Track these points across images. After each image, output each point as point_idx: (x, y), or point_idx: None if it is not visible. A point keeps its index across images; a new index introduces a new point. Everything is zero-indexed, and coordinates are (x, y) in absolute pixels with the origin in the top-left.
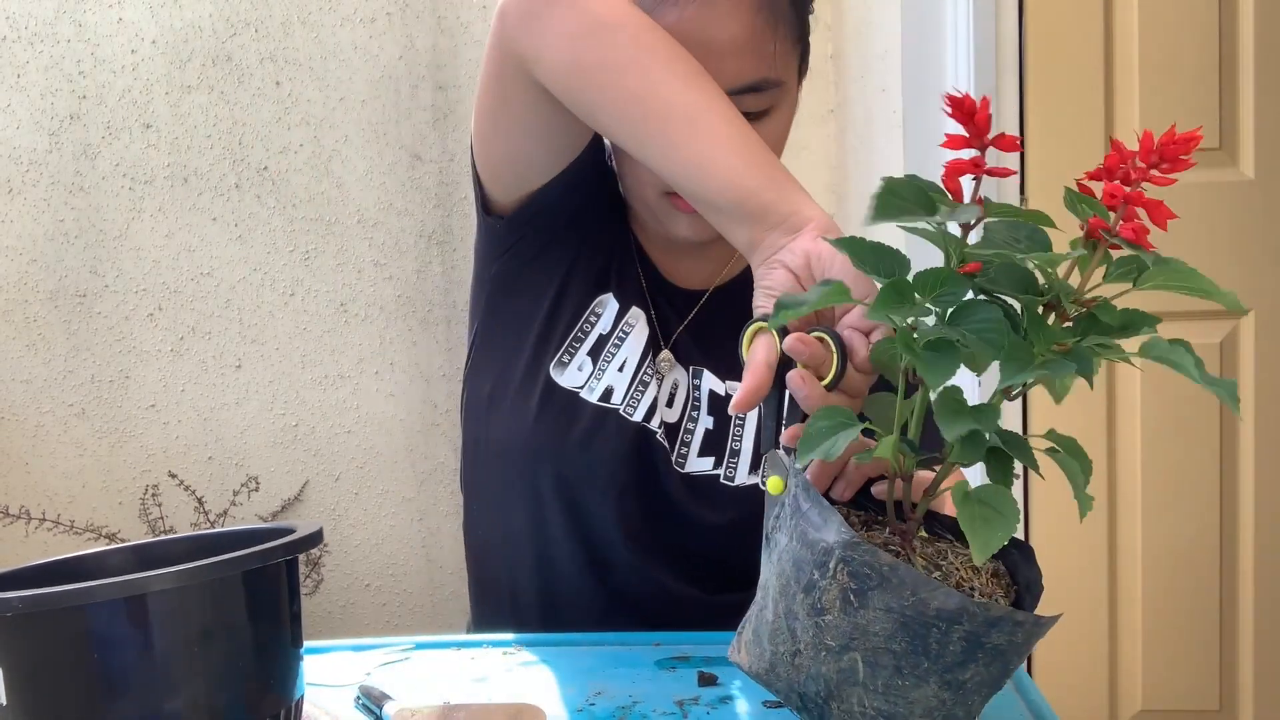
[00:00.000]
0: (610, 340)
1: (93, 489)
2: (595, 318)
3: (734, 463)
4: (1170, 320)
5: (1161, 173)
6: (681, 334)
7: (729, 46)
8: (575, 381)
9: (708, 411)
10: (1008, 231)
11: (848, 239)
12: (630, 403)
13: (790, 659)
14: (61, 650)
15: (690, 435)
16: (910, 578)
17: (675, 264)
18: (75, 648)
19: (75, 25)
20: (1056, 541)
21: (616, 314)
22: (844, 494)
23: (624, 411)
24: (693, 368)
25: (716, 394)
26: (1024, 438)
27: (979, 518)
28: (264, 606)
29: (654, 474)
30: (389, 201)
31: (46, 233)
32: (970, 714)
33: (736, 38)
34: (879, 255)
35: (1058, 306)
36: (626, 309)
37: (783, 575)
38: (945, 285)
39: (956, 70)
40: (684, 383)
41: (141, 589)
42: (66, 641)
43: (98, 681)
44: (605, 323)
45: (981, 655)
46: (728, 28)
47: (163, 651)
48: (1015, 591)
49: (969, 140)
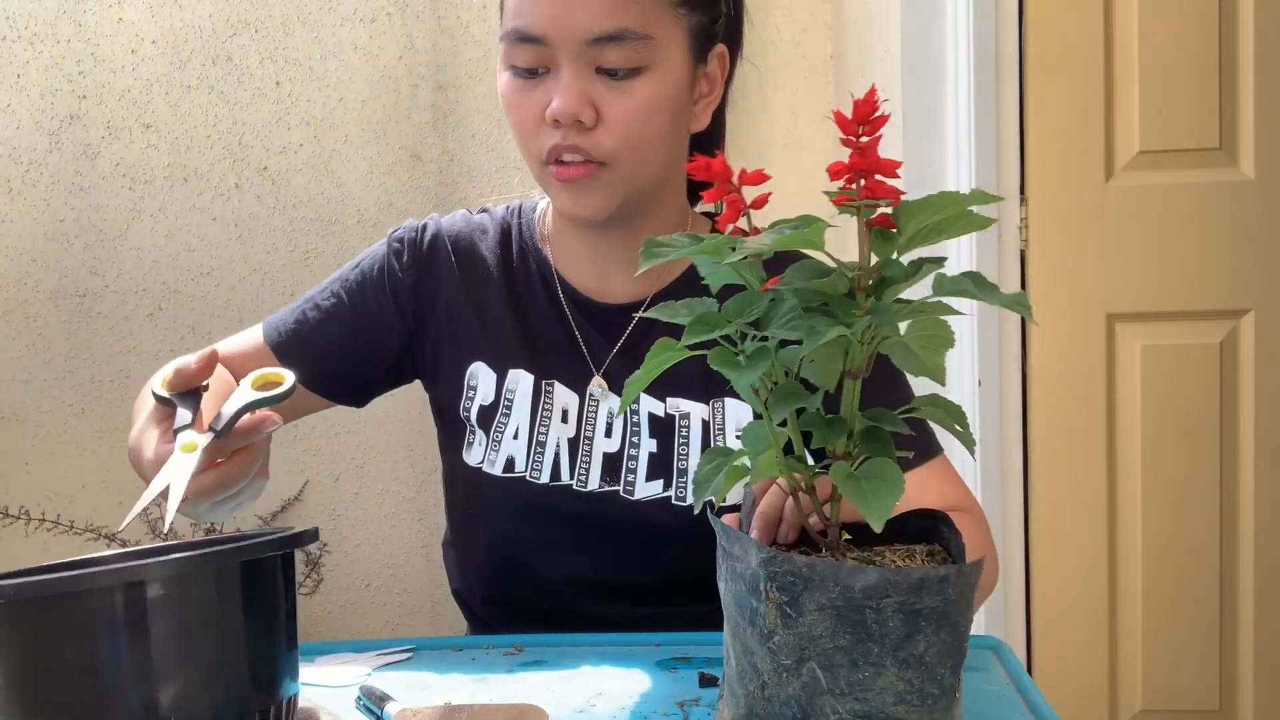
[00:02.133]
0: (499, 409)
1: (93, 489)
2: (472, 390)
3: (683, 482)
4: (1170, 320)
5: (869, 134)
6: (614, 358)
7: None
8: (477, 458)
9: (649, 435)
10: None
11: (663, 306)
12: (534, 468)
13: (760, 693)
14: (56, 639)
15: (635, 462)
16: (829, 570)
17: (602, 280)
18: (70, 637)
19: (75, 25)
20: (1056, 541)
21: (496, 382)
22: (788, 535)
23: (530, 477)
24: None
25: (656, 415)
26: (889, 412)
27: (868, 490)
28: (259, 600)
29: (595, 522)
30: (389, 201)
31: (46, 233)
32: (945, 689)
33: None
34: (690, 307)
35: (854, 280)
36: (503, 373)
37: (731, 619)
38: (752, 304)
39: (956, 70)
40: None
41: (139, 576)
42: (61, 630)
43: (91, 671)
44: (485, 393)
45: (923, 623)
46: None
47: (157, 641)
48: (950, 562)
49: (720, 191)
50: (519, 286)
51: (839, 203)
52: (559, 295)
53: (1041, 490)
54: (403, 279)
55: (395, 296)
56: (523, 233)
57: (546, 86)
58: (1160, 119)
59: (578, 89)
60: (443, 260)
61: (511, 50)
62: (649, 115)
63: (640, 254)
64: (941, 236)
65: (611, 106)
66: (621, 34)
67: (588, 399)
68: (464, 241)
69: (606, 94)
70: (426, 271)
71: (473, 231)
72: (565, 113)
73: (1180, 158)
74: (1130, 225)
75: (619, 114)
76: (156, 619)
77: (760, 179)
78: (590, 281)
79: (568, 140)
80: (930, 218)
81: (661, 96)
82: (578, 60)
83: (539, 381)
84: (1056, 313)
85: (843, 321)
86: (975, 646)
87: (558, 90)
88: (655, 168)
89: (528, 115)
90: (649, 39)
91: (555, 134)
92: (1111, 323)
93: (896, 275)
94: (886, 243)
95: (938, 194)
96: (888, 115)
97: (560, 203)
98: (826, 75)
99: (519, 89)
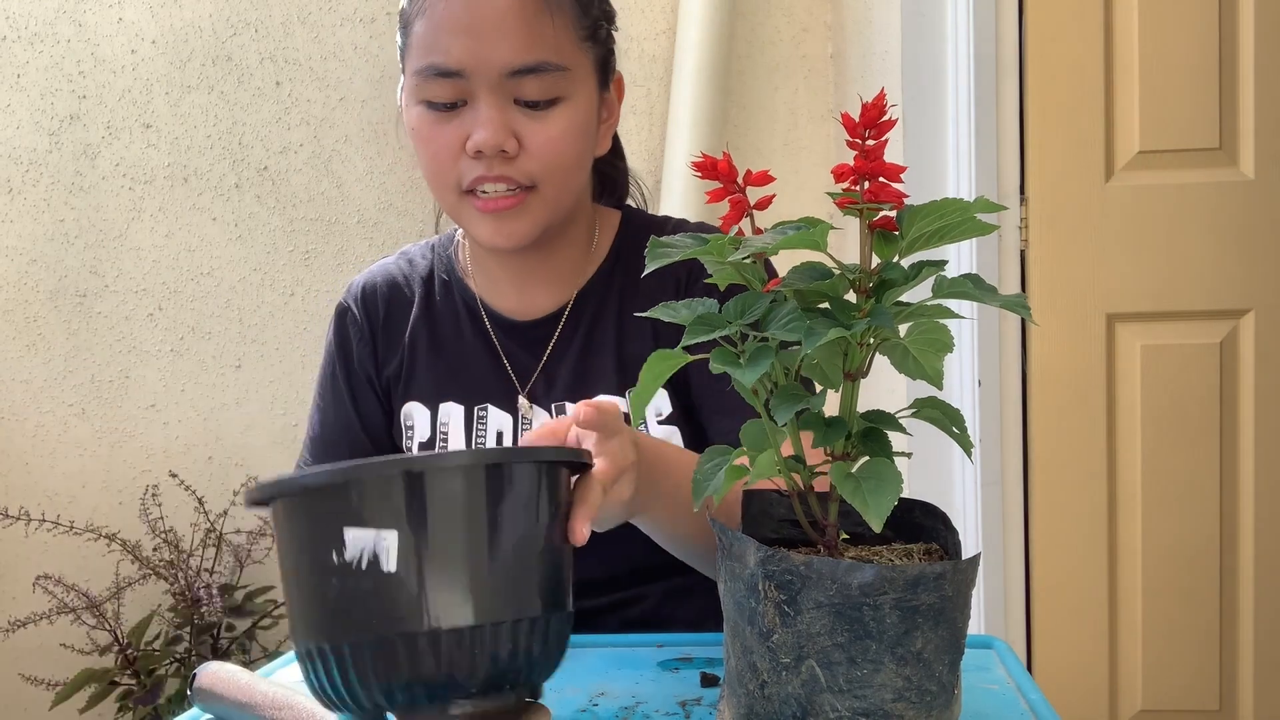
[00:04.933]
0: (435, 443)
1: (93, 489)
2: (410, 429)
3: None
4: (1170, 320)
5: (874, 138)
6: (538, 376)
7: (500, 24)
8: None
9: None
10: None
11: (663, 306)
12: None
13: (760, 692)
14: (455, 504)
15: None
16: (826, 567)
17: (524, 299)
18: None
19: (75, 25)
20: (1056, 542)
21: (430, 418)
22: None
23: None
24: (554, 405)
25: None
26: (888, 414)
27: (867, 490)
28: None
29: None
30: (389, 201)
31: (46, 233)
32: (943, 685)
33: (505, 16)
34: (690, 307)
35: (854, 283)
36: (434, 408)
37: (730, 619)
38: (753, 305)
39: (956, 70)
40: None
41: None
42: (462, 497)
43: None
44: (422, 429)
45: (921, 619)
46: (495, 3)
47: (446, 531)
48: (946, 559)
49: (725, 190)
50: (444, 323)
51: (842, 205)
52: (484, 322)
53: (1041, 490)
54: (356, 345)
55: (359, 360)
56: (443, 269)
57: (463, 118)
58: (1160, 119)
59: (500, 120)
60: (372, 315)
61: (426, 84)
62: (569, 141)
63: (646, 255)
64: (943, 241)
65: (533, 135)
66: (540, 66)
67: (520, 418)
68: (384, 292)
69: (526, 123)
70: (367, 330)
71: (392, 281)
72: (490, 144)
73: (1180, 158)
74: (1130, 225)
75: (540, 142)
76: (443, 510)
77: (765, 180)
78: (512, 303)
79: (493, 170)
80: (934, 223)
81: (577, 123)
82: (497, 92)
83: (470, 409)
84: (1056, 313)
85: (842, 323)
86: (975, 645)
87: (479, 122)
88: (574, 191)
89: (443, 147)
90: (565, 70)
91: (477, 165)
92: (1111, 323)
93: (896, 278)
94: (888, 246)
95: (942, 200)
96: (894, 120)
97: (480, 233)
98: (826, 75)
99: (433, 122)
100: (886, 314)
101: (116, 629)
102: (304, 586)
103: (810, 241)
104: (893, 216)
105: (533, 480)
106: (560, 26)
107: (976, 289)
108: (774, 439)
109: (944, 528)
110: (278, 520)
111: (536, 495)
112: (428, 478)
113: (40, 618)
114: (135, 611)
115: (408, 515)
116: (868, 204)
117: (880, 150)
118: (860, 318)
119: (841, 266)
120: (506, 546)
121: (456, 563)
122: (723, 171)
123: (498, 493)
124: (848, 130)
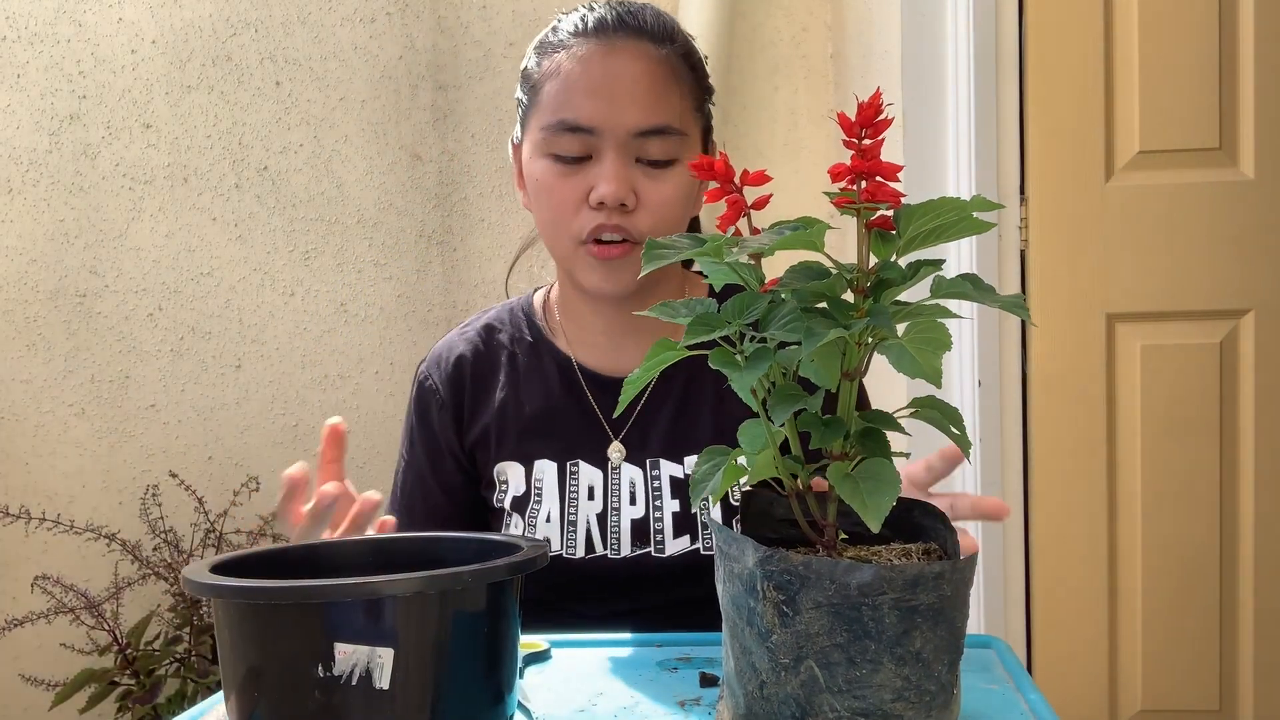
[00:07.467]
0: (530, 499)
1: (93, 489)
2: (504, 484)
3: (708, 534)
4: (1170, 320)
5: (871, 138)
6: (630, 429)
7: (633, 88)
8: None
9: (671, 496)
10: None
11: (660, 306)
12: (569, 545)
13: (759, 692)
14: (448, 626)
15: (660, 523)
16: (825, 567)
17: (616, 355)
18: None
19: (75, 25)
20: (1056, 542)
21: (525, 474)
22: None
23: (566, 554)
24: (648, 461)
25: (676, 478)
26: (887, 413)
27: (865, 490)
28: (498, 619)
29: (630, 581)
30: (389, 201)
31: (46, 233)
32: (942, 685)
33: (639, 80)
34: (690, 306)
35: (852, 282)
36: (530, 465)
37: (729, 619)
38: (752, 305)
39: (956, 70)
40: (640, 478)
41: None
42: (459, 618)
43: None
44: (516, 485)
45: (919, 619)
46: (630, 69)
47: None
48: (945, 559)
49: (722, 190)
50: (533, 383)
51: (840, 204)
52: (578, 379)
53: (1041, 490)
54: (436, 414)
55: (440, 428)
56: (529, 331)
57: (587, 172)
58: (1160, 119)
59: (625, 175)
60: (454, 385)
61: (556, 139)
62: (678, 200)
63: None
64: (941, 240)
65: (650, 193)
66: (665, 129)
67: (610, 471)
68: (465, 361)
69: (645, 181)
70: (450, 400)
71: (475, 349)
72: (614, 196)
73: (1180, 158)
74: (1130, 225)
75: (656, 199)
76: (403, 630)
77: (762, 180)
78: (604, 359)
79: (611, 221)
80: (930, 222)
81: (685, 185)
82: (623, 150)
83: (563, 465)
84: (1056, 313)
85: (840, 323)
86: (974, 645)
87: (604, 176)
88: None
89: (567, 198)
90: (683, 135)
91: (598, 215)
92: (1111, 323)
93: (894, 277)
94: (886, 245)
95: (939, 199)
96: (891, 119)
97: (591, 280)
98: (826, 75)
99: (560, 174)
100: (885, 313)
101: (116, 629)
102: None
103: (807, 241)
104: (890, 216)
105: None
106: (681, 96)
107: (975, 290)
108: (772, 439)
109: (943, 527)
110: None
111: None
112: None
113: (39, 617)
114: (135, 612)
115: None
116: (865, 203)
117: (877, 149)
118: (858, 317)
119: (839, 266)
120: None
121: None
122: (720, 171)
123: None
124: (844, 129)
